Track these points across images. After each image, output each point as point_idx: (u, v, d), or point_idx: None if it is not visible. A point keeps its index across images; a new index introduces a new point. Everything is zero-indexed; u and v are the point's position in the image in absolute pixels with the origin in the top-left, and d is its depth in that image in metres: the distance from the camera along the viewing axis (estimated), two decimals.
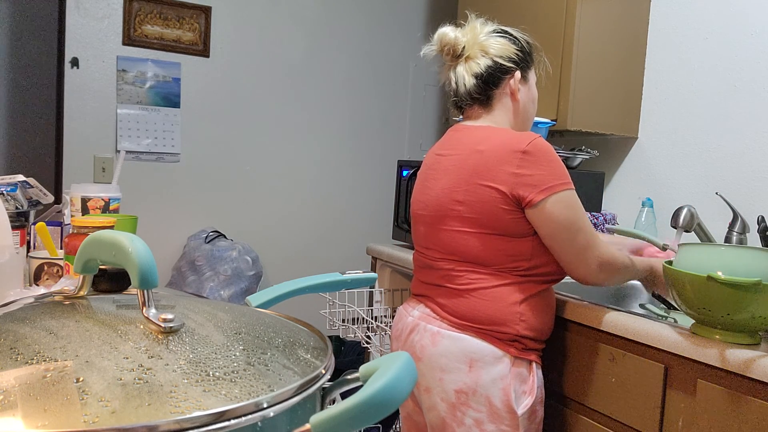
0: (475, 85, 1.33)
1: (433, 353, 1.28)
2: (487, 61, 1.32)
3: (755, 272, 1.04)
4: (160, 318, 0.54)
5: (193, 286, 2.52)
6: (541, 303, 1.29)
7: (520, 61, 1.34)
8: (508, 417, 1.24)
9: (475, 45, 1.34)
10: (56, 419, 0.41)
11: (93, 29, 2.48)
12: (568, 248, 1.24)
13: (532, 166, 1.20)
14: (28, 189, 1.50)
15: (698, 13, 1.95)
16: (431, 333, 1.29)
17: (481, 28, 1.36)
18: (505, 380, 1.24)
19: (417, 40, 3.15)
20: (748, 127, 1.81)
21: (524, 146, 1.21)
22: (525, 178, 1.20)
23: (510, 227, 1.23)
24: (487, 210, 1.23)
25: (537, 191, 1.20)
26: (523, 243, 1.25)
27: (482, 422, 1.24)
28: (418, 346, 1.31)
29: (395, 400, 0.44)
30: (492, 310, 1.25)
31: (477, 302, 1.26)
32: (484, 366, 1.24)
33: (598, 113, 2.04)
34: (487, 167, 1.23)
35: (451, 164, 1.30)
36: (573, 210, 1.22)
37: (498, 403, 1.23)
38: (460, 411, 1.25)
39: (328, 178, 3.02)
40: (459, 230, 1.27)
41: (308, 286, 0.81)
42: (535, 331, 1.27)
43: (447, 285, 1.31)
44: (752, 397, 1.04)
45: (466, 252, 1.27)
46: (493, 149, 1.24)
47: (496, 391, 1.23)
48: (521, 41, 1.36)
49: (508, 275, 1.26)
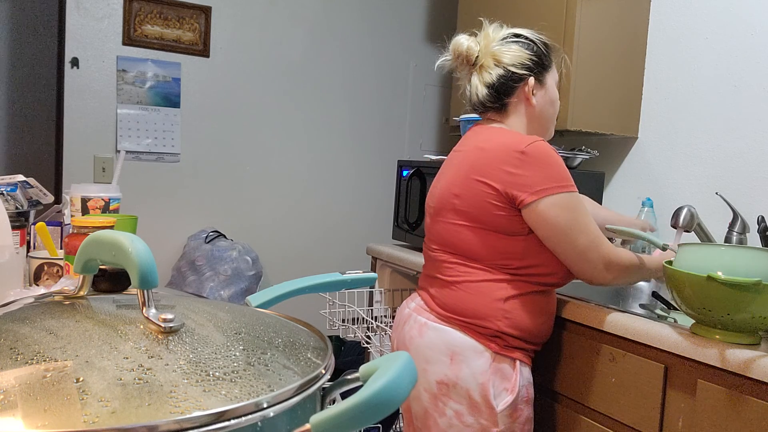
0: (487, 95, 1.34)
1: (419, 344, 1.31)
2: (499, 71, 1.32)
3: (755, 272, 1.04)
4: (160, 318, 0.54)
5: (193, 286, 2.52)
6: (532, 304, 1.28)
7: (535, 66, 1.33)
8: (486, 411, 1.25)
9: (488, 54, 1.34)
10: (56, 419, 0.41)
11: (93, 29, 2.48)
12: (570, 250, 1.24)
13: (527, 167, 1.21)
14: (28, 189, 1.50)
15: (698, 13, 1.95)
16: (419, 324, 1.33)
17: (494, 34, 1.35)
18: (485, 375, 1.25)
19: (417, 40, 3.15)
20: (748, 127, 1.81)
21: (523, 147, 1.22)
22: (519, 178, 1.22)
23: (501, 224, 1.25)
24: (478, 204, 1.25)
25: (529, 192, 1.21)
26: (515, 241, 1.26)
27: (462, 414, 1.27)
28: (408, 336, 1.35)
29: (395, 400, 0.44)
30: (475, 304, 1.26)
31: (462, 295, 1.28)
32: (464, 359, 1.26)
33: (598, 113, 2.04)
34: (485, 164, 1.25)
35: (457, 160, 1.33)
36: (571, 212, 1.22)
37: (477, 396, 1.25)
38: (442, 402, 1.28)
39: (328, 178, 3.02)
40: (453, 222, 1.30)
41: (308, 286, 0.81)
42: (522, 330, 1.27)
43: (438, 276, 1.34)
44: (752, 397, 1.04)
45: (459, 244, 1.29)
46: (494, 148, 1.26)
47: (475, 385, 1.25)
48: (537, 44, 1.35)
49: (498, 272, 1.27)
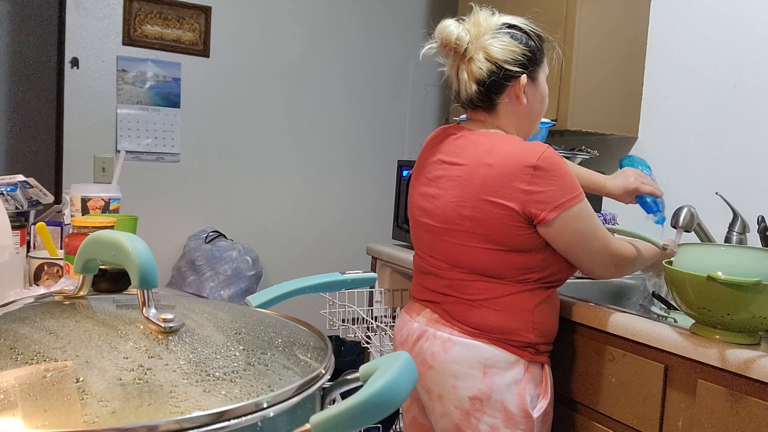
0: (477, 92, 1.24)
1: (445, 360, 1.24)
2: (490, 66, 1.22)
3: (755, 272, 1.04)
4: (160, 318, 0.54)
5: (193, 286, 2.52)
6: (549, 307, 1.27)
7: (529, 63, 1.24)
8: (523, 421, 1.22)
9: (478, 46, 1.22)
10: (56, 419, 0.41)
11: (93, 29, 2.48)
12: (584, 255, 1.22)
13: (542, 182, 1.15)
14: (28, 189, 1.50)
15: (698, 13, 1.95)
16: (442, 340, 1.25)
17: (485, 23, 1.23)
18: (520, 384, 1.22)
19: (417, 40, 3.15)
20: (748, 127, 1.80)
21: (534, 161, 1.15)
22: (536, 195, 1.15)
23: (521, 243, 1.19)
24: (496, 227, 1.18)
25: (549, 209, 1.16)
26: (534, 256, 1.21)
27: (498, 428, 1.22)
28: (429, 353, 1.27)
29: (395, 400, 0.44)
30: (504, 320, 1.22)
31: (489, 312, 1.22)
32: (498, 371, 1.21)
33: (598, 113, 2.04)
34: (495, 182, 1.17)
35: (458, 176, 1.23)
36: (586, 221, 1.19)
37: (513, 408, 1.21)
38: (475, 417, 1.23)
39: (328, 178, 3.02)
40: (467, 245, 1.22)
41: (308, 286, 0.81)
42: (546, 335, 1.26)
43: (455, 294, 1.26)
44: (752, 397, 1.04)
45: (475, 265, 1.23)
46: (501, 163, 1.17)
47: (512, 396, 1.21)
48: (531, 37, 1.25)
49: (520, 285, 1.23)
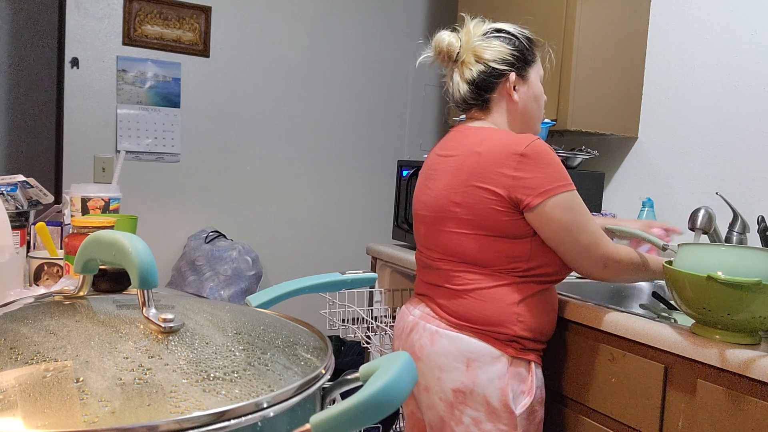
0: (468, 91, 1.33)
1: (431, 352, 1.28)
2: (480, 67, 1.31)
3: (755, 272, 1.04)
4: (160, 318, 0.54)
5: (193, 286, 2.52)
6: (540, 303, 1.28)
7: (517, 62, 1.32)
8: (506, 416, 1.24)
9: (468, 50, 1.32)
10: (56, 419, 0.41)
11: (93, 29, 2.48)
12: (571, 248, 1.23)
13: (529, 168, 1.20)
14: (28, 189, 1.50)
15: (698, 13, 1.95)
16: (430, 332, 1.30)
17: (475, 30, 1.34)
18: (503, 380, 1.24)
19: (417, 40, 3.15)
20: (748, 126, 1.80)
21: (522, 148, 1.20)
22: (522, 181, 1.20)
23: (508, 229, 1.23)
24: (483, 212, 1.23)
25: (534, 194, 1.19)
26: (521, 244, 1.24)
27: (480, 421, 1.24)
28: (417, 345, 1.31)
29: (395, 400, 0.44)
30: (489, 311, 1.25)
31: (474, 303, 1.26)
32: (481, 365, 1.24)
33: (598, 113, 2.04)
34: (484, 169, 1.23)
35: (451, 165, 1.29)
36: (573, 211, 1.22)
37: (495, 402, 1.24)
38: (458, 410, 1.26)
39: (329, 178, 3.02)
40: (457, 232, 1.27)
41: (308, 286, 0.81)
42: (534, 331, 1.27)
43: (446, 285, 1.31)
44: (752, 397, 1.04)
45: (464, 253, 1.27)
46: (490, 151, 1.23)
47: (494, 390, 1.23)
48: (519, 39, 1.34)
49: (507, 276, 1.26)
